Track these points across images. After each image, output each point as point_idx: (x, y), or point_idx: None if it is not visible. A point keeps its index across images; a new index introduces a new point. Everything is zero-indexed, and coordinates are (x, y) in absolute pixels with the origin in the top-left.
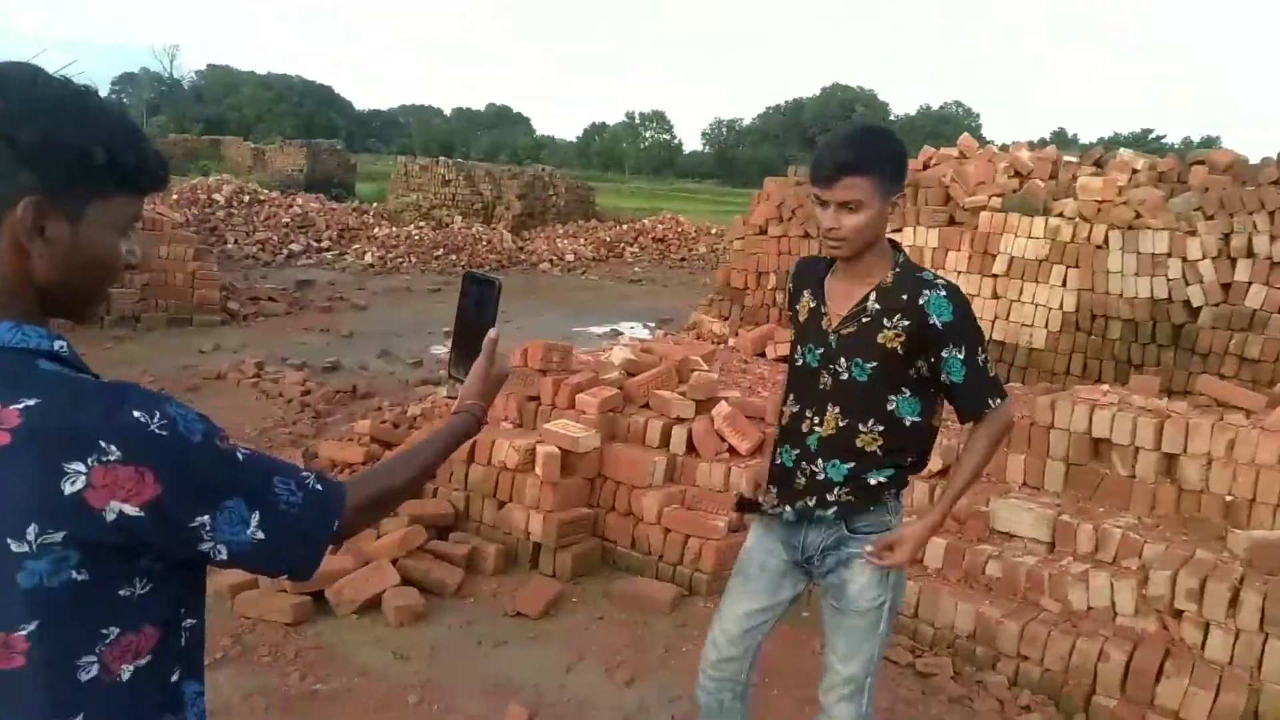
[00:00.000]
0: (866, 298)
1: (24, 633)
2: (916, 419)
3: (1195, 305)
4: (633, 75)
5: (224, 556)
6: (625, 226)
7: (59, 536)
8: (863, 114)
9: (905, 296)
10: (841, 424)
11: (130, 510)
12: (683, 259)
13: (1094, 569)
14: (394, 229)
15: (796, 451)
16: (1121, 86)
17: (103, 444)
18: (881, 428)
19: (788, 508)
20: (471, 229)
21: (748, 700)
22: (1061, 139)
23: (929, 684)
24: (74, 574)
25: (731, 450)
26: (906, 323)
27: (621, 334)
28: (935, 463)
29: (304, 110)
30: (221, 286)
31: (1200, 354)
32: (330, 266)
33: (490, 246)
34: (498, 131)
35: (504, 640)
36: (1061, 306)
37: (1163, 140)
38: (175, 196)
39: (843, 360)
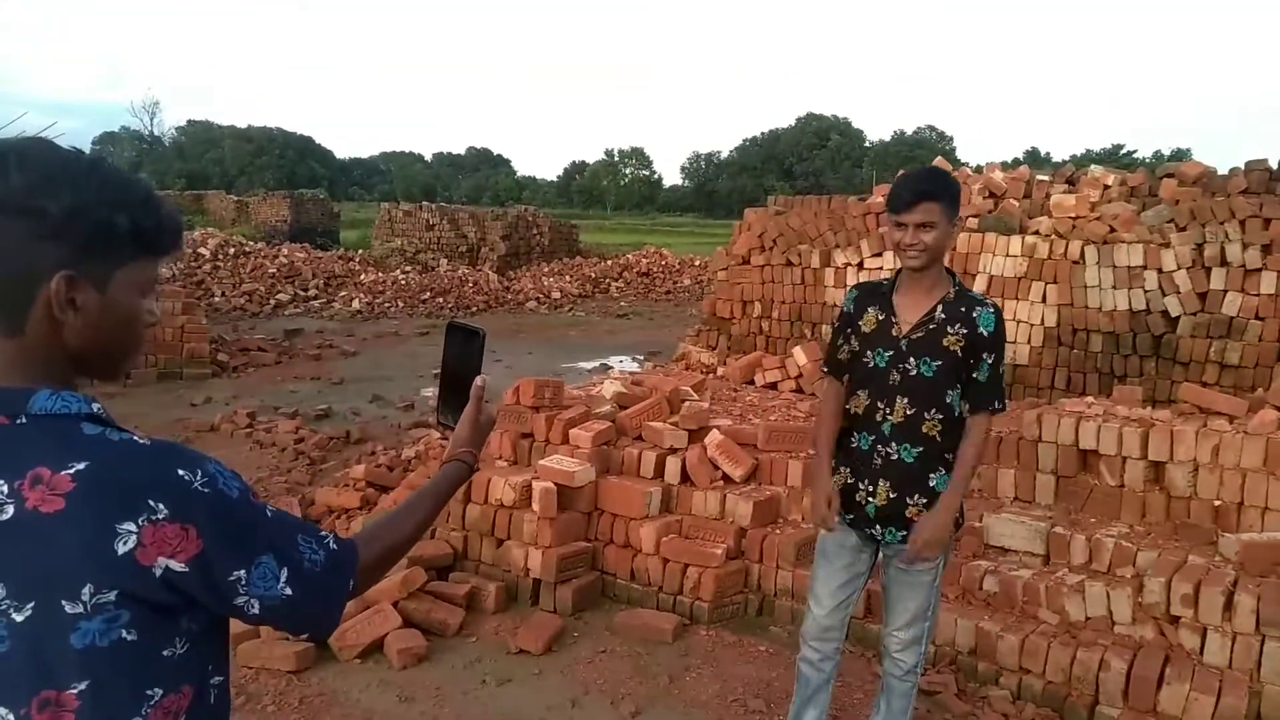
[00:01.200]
0: (934, 309)
1: (75, 691)
2: (963, 413)
3: (1173, 315)
4: (611, 112)
5: (256, 611)
6: (610, 262)
7: (112, 595)
8: (837, 142)
9: (964, 310)
10: (909, 413)
11: (176, 566)
12: (668, 292)
13: (1089, 579)
14: (380, 275)
15: (872, 437)
16: (1091, 104)
17: (151, 502)
18: (941, 416)
19: (870, 502)
20: (457, 271)
21: (831, 690)
22: (1034, 158)
23: (934, 702)
24: (124, 633)
25: (726, 478)
26: (965, 331)
27: (611, 368)
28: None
29: (285, 161)
30: (210, 339)
31: (1181, 363)
32: (318, 315)
33: (477, 288)
34: (479, 174)
35: (508, 678)
36: (1043, 322)
37: (1134, 155)
38: None
39: (911, 360)
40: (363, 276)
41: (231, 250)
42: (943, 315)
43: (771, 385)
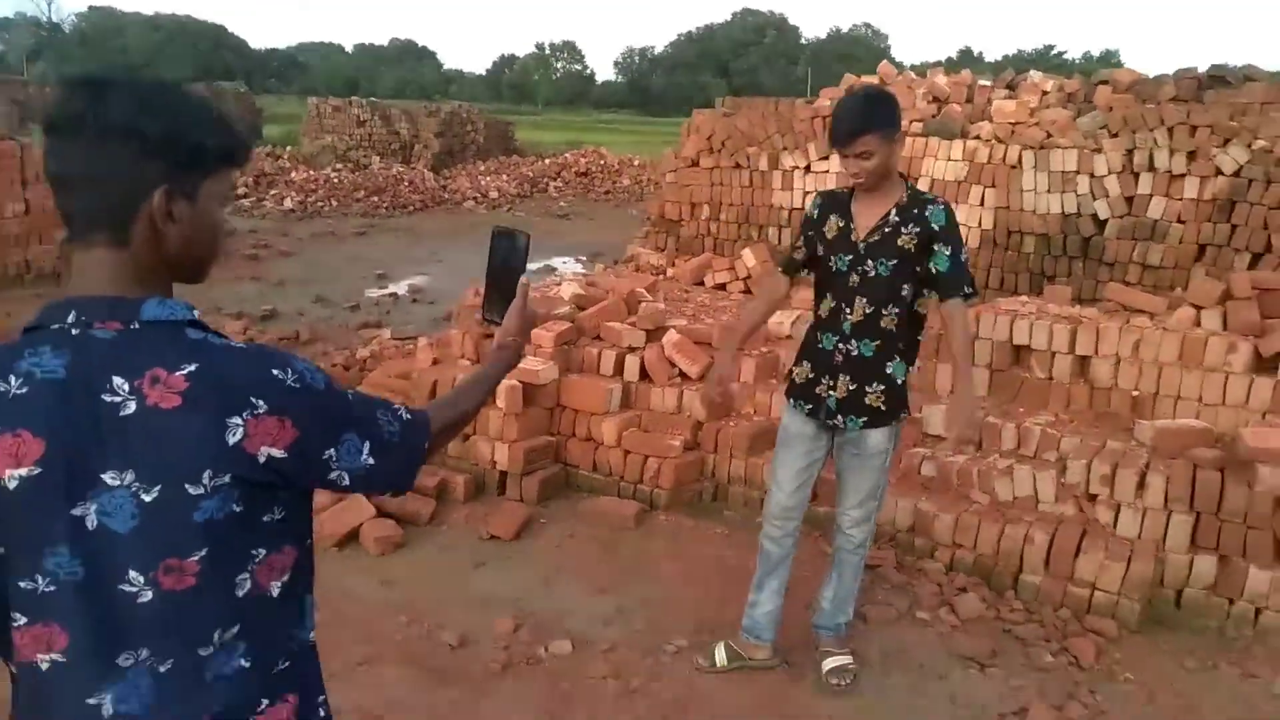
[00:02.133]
0: (888, 214)
1: (196, 558)
2: (914, 305)
3: (1102, 218)
4: (541, 3)
5: (346, 482)
6: (548, 162)
7: (227, 478)
8: (773, 39)
9: (916, 211)
10: (868, 311)
11: (277, 453)
12: (607, 192)
13: (1018, 463)
14: (311, 173)
15: (835, 337)
16: (1023, 3)
17: (253, 399)
18: (898, 310)
19: (831, 395)
20: (391, 170)
21: (790, 564)
22: (968, 58)
23: (876, 574)
24: (234, 506)
25: (682, 375)
26: (918, 229)
27: (555, 270)
28: None
29: (197, 52)
30: None
31: (1107, 263)
32: (249, 214)
33: (412, 187)
34: (404, 67)
35: (482, 561)
36: (980, 224)
37: (1064, 56)
38: None
39: (869, 262)
40: (293, 175)
41: None
42: (896, 218)
43: (720, 286)
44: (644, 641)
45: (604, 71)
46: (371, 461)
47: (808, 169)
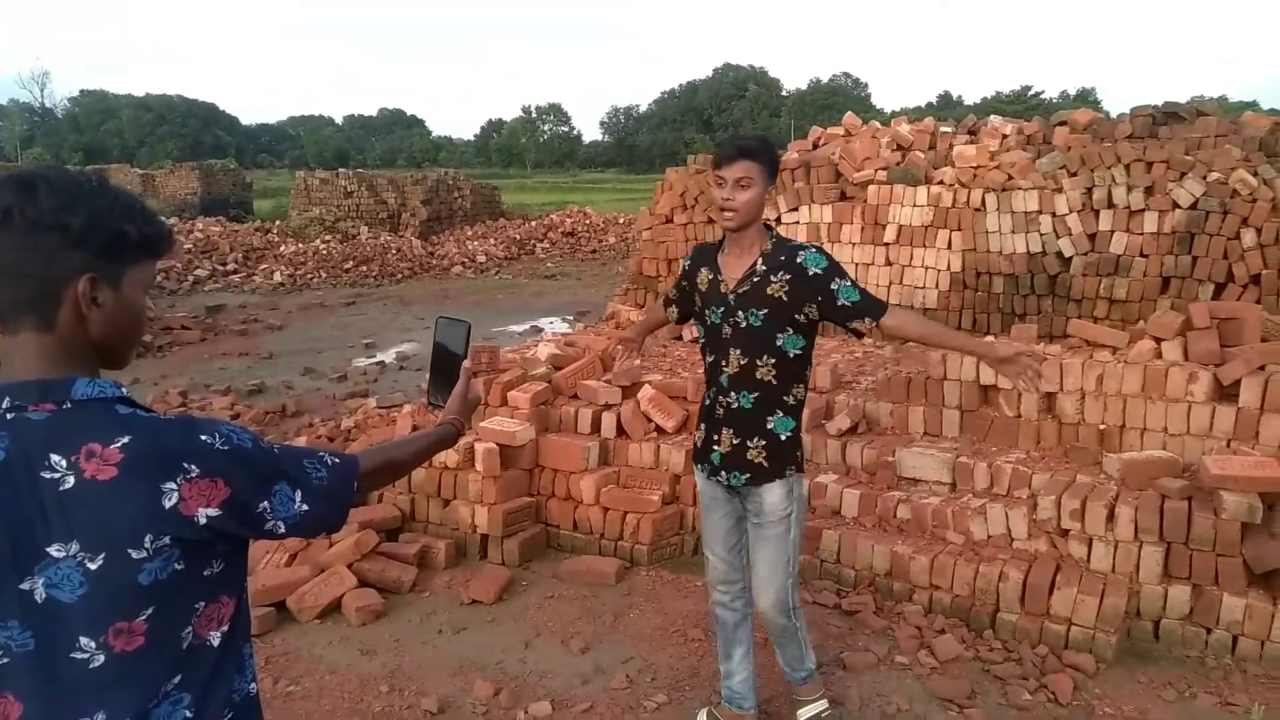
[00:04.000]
0: (755, 263)
1: (144, 617)
2: (799, 351)
3: (1066, 256)
4: (526, 69)
5: (283, 530)
6: (534, 223)
7: (166, 540)
8: (755, 92)
9: (784, 258)
10: (743, 362)
11: (212, 512)
12: (593, 251)
13: (990, 502)
14: (300, 245)
15: (715, 390)
16: (1001, 47)
17: (185, 465)
18: (774, 360)
19: (715, 450)
20: (379, 239)
21: (750, 624)
22: (947, 102)
23: (854, 620)
24: (176, 565)
25: (659, 429)
26: (789, 276)
27: (542, 330)
28: (844, 421)
29: (188, 130)
30: None
31: (1074, 299)
32: (239, 289)
33: (400, 255)
34: (393, 136)
35: (463, 626)
36: (949, 267)
37: (1042, 95)
38: None
39: (740, 313)
40: (282, 248)
41: None
42: (763, 267)
43: (697, 340)
44: (623, 699)
45: (590, 131)
46: (305, 508)
47: (778, 220)
